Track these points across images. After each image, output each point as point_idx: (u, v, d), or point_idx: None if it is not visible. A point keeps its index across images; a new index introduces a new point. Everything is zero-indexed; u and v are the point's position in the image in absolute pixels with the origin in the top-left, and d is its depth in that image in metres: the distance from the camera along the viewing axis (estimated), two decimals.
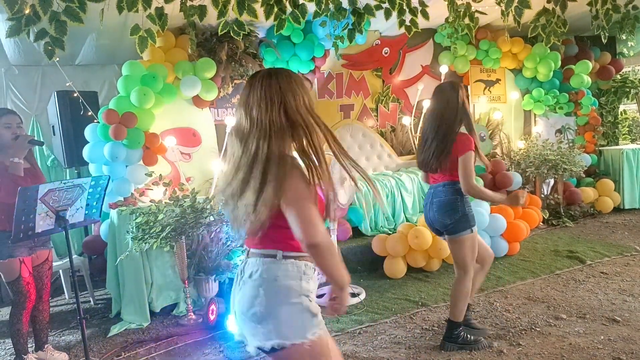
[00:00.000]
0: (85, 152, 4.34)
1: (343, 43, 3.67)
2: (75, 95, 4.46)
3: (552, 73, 6.56)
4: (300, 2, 3.10)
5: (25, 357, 3.11)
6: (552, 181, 6.36)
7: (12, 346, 3.16)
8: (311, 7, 3.20)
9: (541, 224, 5.73)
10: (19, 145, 2.98)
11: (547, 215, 5.97)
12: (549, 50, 6.39)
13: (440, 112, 2.88)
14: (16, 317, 3.05)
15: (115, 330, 3.69)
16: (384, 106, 6.32)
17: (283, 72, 1.59)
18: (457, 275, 2.93)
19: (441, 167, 2.86)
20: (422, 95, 6.33)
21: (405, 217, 5.19)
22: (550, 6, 3.43)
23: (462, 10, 3.52)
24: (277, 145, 1.50)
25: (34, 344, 3.28)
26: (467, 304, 2.98)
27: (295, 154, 1.56)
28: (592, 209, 6.43)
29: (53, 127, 4.83)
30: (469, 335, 3.01)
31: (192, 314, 3.80)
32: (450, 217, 2.85)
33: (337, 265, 1.55)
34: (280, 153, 1.49)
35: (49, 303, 3.33)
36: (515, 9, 3.32)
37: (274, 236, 1.55)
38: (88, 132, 4.34)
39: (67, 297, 4.59)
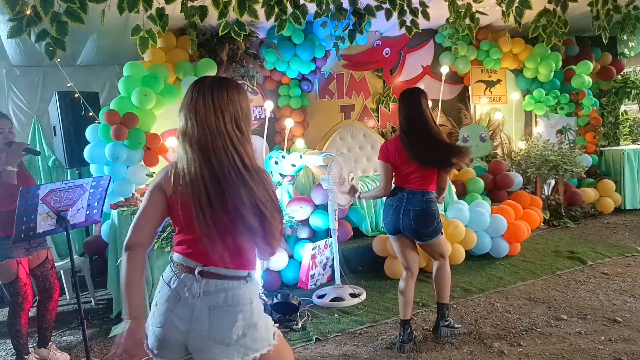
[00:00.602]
0: (87, 153, 4.35)
1: (344, 43, 3.67)
2: (76, 95, 4.47)
3: (552, 73, 6.57)
4: (301, 3, 3.11)
5: (26, 357, 3.12)
6: (552, 182, 6.35)
7: (12, 347, 3.17)
8: (312, 8, 3.20)
9: (542, 224, 5.72)
10: (13, 152, 2.96)
11: (548, 215, 5.97)
12: (549, 51, 6.40)
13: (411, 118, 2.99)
14: (14, 318, 3.05)
15: (116, 330, 3.69)
16: (385, 106, 6.33)
17: (232, 83, 1.58)
18: (439, 263, 3.13)
19: (422, 171, 2.97)
20: None
21: None
22: (551, 6, 3.43)
23: (463, 10, 3.52)
24: (242, 156, 1.52)
25: (36, 341, 3.30)
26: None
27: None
28: (593, 210, 6.42)
29: (54, 127, 4.84)
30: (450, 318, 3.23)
31: None
32: (429, 228, 2.98)
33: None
34: (245, 165, 1.51)
35: (58, 302, 3.34)
36: (516, 10, 3.32)
37: (250, 255, 1.57)
38: (89, 132, 4.35)
39: (68, 297, 4.60)
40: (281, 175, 4.57)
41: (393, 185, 3.09)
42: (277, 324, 3.46)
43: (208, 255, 1.50)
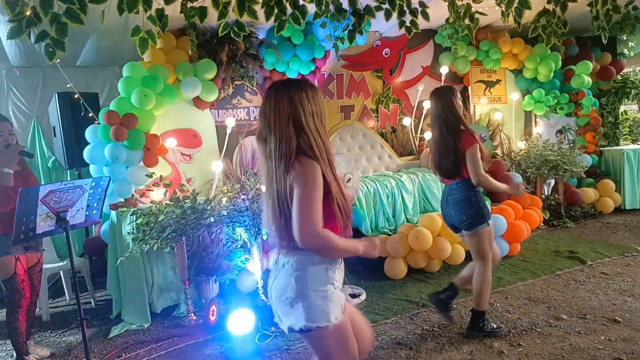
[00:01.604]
0: (86, 154, 4.34)
1: (343, 44, 3.66)
2: (76, 96, 4.47)
3: (552, 74, 6.56)
4: (301, 3, 3.10)
5: (26, 358, 3.13)
6: (552, 182, 6.36)
7: (12, 347, 3.17)
8: (311, 8, 3.20)
9: (542, 224, 5.72)
10: (9, 155, 3.01)
11: (548, 215, 5.97)
12: (549, 51, 6.40)
13: (440, 115, 3.04)
14: (13, 316, 3.10)
15: (116, 331, 3.70)
16: (385, 107, 6.32)
17: (295, 84, 1.73)
18: (478, 266, 3.08)
19: (457, 171, 3.01)
20: (423, 96, 6.33)
21: (406, 217, 5.18)
22: (550, 7, 3.42)
23: (463, 11, 3.52)
24: (290, 151, 1.65)
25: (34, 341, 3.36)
26: (489, 293, 3.13)
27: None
28: (592, 210, 6.43)
29: (54, 128, 4.84)
30: (492, 324, 3.16)
31: (192, 314, 3.80)
32: (467, 213, 3.00)
33: (344, 251, 1.71)
34: (291, 159, 1.64)
35: (37, 304, 3.42)
36: (516, 10, 3.31)
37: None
38: (89, 133, 4.35)
39: (67, 298, 4.60)
40: None
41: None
42: (277, 325, 3.45)
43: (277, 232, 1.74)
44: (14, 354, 3.18)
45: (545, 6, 3.43)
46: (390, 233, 4.85)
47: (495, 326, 3.18)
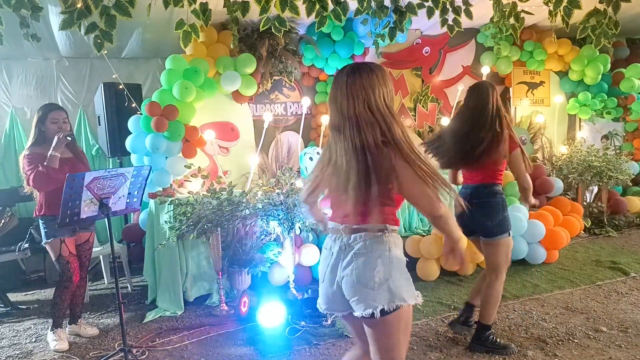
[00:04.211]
0: (128, 143, 4.47)
1: (384, 41, 3.64)
2: (120, 87, 4.61)
3: (600, 76, 6.32)
4: (342, 0, 3.10)
5: (55, 329, 3.31)
6: (595, 189, 6.12)
7: (50, 316, 3.40)
8: (352, 5, 3.19)
9: (582, 232, 5.53)
10: (58, 140, 3.17)
11: (589, 223, 5.76)
12: (598, 53, 6.15)
13: (481, 110, 2.81)
14: (58, 293, 3.30)
15: (150, 316, 3.80)
16: (423, 106, 6.24)
17: (365, 68, 1.73)
18: (489, 279, 2.92)
19: (484, 164, 2.81)
20: (462, 96, 6.19)
21: None
22: (601, 7, 3.29)
23: (508, 9, 3.43)
24: (370, 135, 1.64)
25: (68, 318, 3.53)
26: (497, 308, 2.97)
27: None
28: (638, 219, 6.16)
29: (99, 117, 5.01)
30: (498, 340, 2.99)
31: (224, 305, 3.87)
32: (492, 220, 2.85)
33: (454, 226, 1.74)
34: (375, 142, 1.64)
35: (87, 280, 3.61)
36: (564, 9, 3.21)
37: (382, 213, 1.71)
38: (131, 123, 4.47)
39: (106, 282, 4.76)
40: None
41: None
42: (307, 320, 3.48)
43: (347, 215, 1.74)
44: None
45: (596, 6, 3.31)
46: (423, 234, 4.79)
47: (502, 342, 2.97)
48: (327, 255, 1.81)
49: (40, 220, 3.26)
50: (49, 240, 3.22)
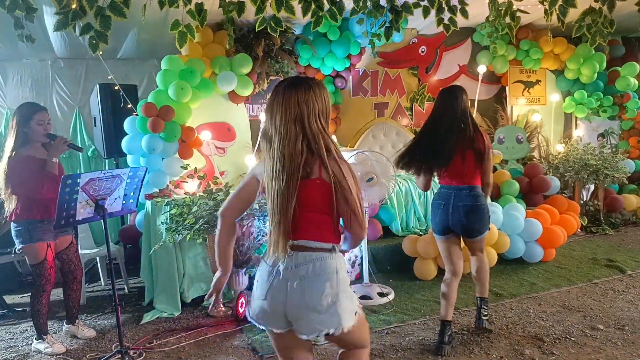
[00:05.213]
0: (124, 144, 4.46)
1: (380, 41, 3.64)
2: (116, 88, 4.59)
3: (596, 75, 6.33)
4: (338, 0, 3.10)
5: (44, 337, 3.29)
6: (592, 187, 6.13)
7: (33, 325, 3.37)
8: (348, 5, 3.19)
9: (579, 230, 5.54)
10: (57, 146, 3.17)
11: (586, 222, 5.77)
12: (593, 51, 6.16)
13: (457, 110, 2.94)
14: (36, 299, 3.25)
15: (147, 318, 3.79)
16: (419, 105, 6.25)
17: (303, 84, 1.70)
18: (479, 258, 3.17)
19: (470, 174, 2.97)
20: None
21: None
22: (597, 5, 3.29)
23: (504, 8, 3.43)
24: (299, 148, 1.65)
25: (65, 319, 3.56)
26: None
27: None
28: (634, 217, 6.17)
29: (94, 118, 4.99)
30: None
31: (221, 306, 3.86)
32: (482, 223, 3.02)
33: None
34: (302, 154, 1.66)
35: (82, 283, 3.59)
36: (560, 8, 3.21)
37: (329, 230, 1.73)
38: (127, 124, 4.46)
39: (102, 283, 4.74)
40: None
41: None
42: None
43: (296, 230, 1.70)
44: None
45: (591, 4, 3.31)
46: (421, 233, 4.79)
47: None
48: (270, 272, 1.74)
49: (15, 225, 3.16)
50: (30, 244, 3.14)
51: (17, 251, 4.25)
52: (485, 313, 3.24)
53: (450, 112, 2.93)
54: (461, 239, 3.15)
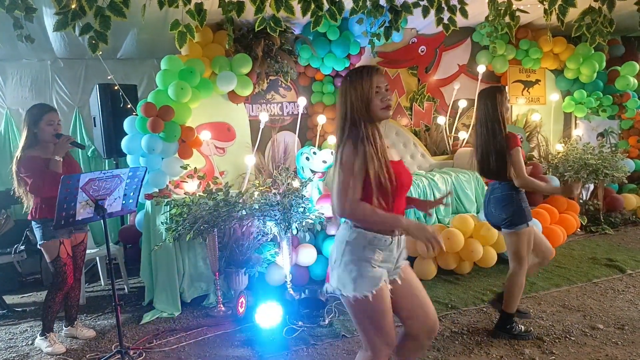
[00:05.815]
0: (124, 144, 4.46)
1: (380, 41, 3.64)
2: (115, 88, 4.59)
3: (595, 74, 6.33)
4: None
5: (48, 334, 3.29)
6: (591, 186, 6.14)
7: (40, 319, 3.40)
8: (348, 4, 3.18)
9: (579, 230, 5.54)
10: (61, 145, 3.19)
11: (586, 221, 5.77)
12: (593, 51, 6.17)
13: (482, 118, 3.10)
14: (51, 295, 3.28)
15: (147, 318, 3.79)
16: (419, 105, 6.24)
17: (350, 73, 2.02)
18: (512, 268, 3.07)
19: (501, 173, 3.02)
20: (458, 94, 6.23)
21: (438, 218, 5.11)
22: (596, 5, 3.29)
23: (503, 8, 3.43)
24: (348, 132, 1.92)
25: (64, 320, 3.54)
26: (520, 297, 3.12)
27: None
28: (634, 217, 6.18)
29: (94, 118, 4.99)
30: (521, 327, 3.15)
31: (221, 305, 3.86)
32: (506, 212, 3.01)
33: (380, 222, 1.85)
34: (338, 141, 1.95)
35: (82, 282, 3.61)
36: (559, 8, 3.21)
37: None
38: (127, 124, 4.46)
39: (102, 283, 4.74)
40: (312, 171, 4.58)
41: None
42: (304, 320, 3.48)
43: None
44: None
45: (590, 4, 3.31)
46: None
47: (523, 329, 3.15)
48: None
49: (35, 223, 3.24)
50: (46, 242, 3.20)
51: (17, 251, 4.28)
52: (507, 326, 3.14)
53: (486, 118, 3.13)
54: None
